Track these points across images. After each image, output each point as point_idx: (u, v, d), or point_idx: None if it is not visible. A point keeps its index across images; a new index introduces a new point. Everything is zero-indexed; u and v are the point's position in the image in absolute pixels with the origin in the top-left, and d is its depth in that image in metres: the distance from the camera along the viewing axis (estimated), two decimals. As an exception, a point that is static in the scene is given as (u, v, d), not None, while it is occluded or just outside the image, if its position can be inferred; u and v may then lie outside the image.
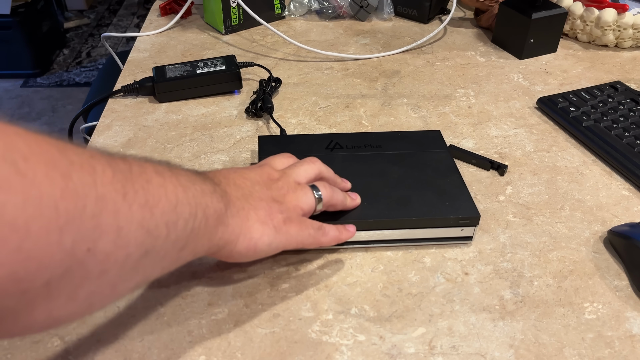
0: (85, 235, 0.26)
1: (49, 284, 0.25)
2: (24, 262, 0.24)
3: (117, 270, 0.29)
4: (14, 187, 0.23)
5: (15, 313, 0.26)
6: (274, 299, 0.45)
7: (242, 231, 0.39)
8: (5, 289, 0.24)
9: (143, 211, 0.30)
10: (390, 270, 0.47)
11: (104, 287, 0.29)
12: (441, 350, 0.41)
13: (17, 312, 0.26)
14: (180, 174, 0.35)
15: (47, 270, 0.25)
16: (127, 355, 0.40)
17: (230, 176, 0.42)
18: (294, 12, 0.91)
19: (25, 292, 0.25)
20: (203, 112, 0.67)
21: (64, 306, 0.27)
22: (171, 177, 0.34)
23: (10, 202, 0.23)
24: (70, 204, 0.25)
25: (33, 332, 0.29)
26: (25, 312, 0.26)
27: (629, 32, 0.79)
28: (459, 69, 0.77)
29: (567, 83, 0.74)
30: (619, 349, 0.41)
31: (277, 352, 0.41)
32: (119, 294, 0.31)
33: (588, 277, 0.47)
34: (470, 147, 0.62)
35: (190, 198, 0.34)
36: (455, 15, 0.93)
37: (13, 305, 0.25)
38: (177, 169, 0.36)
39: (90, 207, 0.26)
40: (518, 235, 0.51)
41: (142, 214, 0.30)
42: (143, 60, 0.78)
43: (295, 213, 0.43)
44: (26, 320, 0.26)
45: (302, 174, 0.46)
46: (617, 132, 0.61)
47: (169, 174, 0.34)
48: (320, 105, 0.69)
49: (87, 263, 0.27)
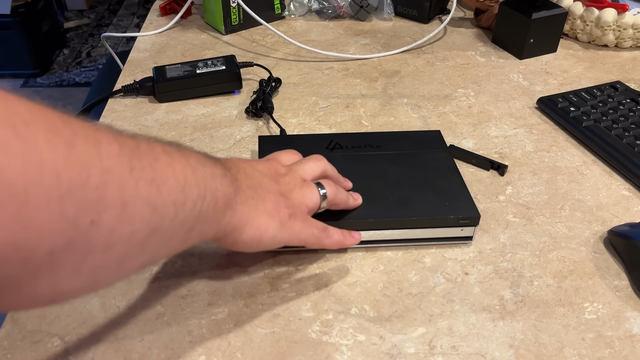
0: (89, 206, 0.26)
1: (52, 255, 0.25)
2: (23, 229, 0.24)
3: (122, 247, 0.29)
4: (13, 149, 0.23)
5: (18, 283, 0.25)
6: (274, 299, 0.45)
7: (250, 220, 0.39)
8: (6, 255, 0.24)
9: (150, 188, 0.30)
10: (390, 270, 0.47)
11: (109, 262, 0.29)
12: (441, 350, 0.41)
13: (20, 282, 0.25)
14: (190, 156, 0.35)
15: (48, 239, 0.25)
16: (127, 355, 0.40)
17: (240, 165, 0.42)
18: (294, 12, 0.91)
19: (27, 260, 0.24)
20: (203, 112, 0.67)
21: (68, 279, 0.27)
22: (180, 157, 0.33)
23: (9, 164, 0.23)
24: (73, 173, 0.25)
25: (38, 305, 0.28)
26: (29, 283, 0.26)
27: (629, 32, 0.79)
28: (459, 69, 0.77)
29: (567, 83, 0.74)
30: (619, 349, 0.41)
31: (277, 352, 0.41)
32: (125, 272, 0.31)
33: (588, 277, 0.47)
34: (470, 147, 0.62)
35: (200, 180, 0.34)
36: (455, 15, 0.93)
37: (15, 274, 0.25)
38: (187, 150, 0.35)
39: (94, 179, 0.26)
40: (518, 235, 0.51)
41: (148, 191, 0.29)
42: (143, 60, 0.78)
43: (300, 210, 0.43)
44: (30, 291, 0.26)
45: (308, 171, 0.46)
46: (617, 132, 0.61)
47: (177, 154, 0.33)
48: (320, 105, 0.69)
49: (91, 236, 0.27)
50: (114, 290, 0.45)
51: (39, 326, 0.42)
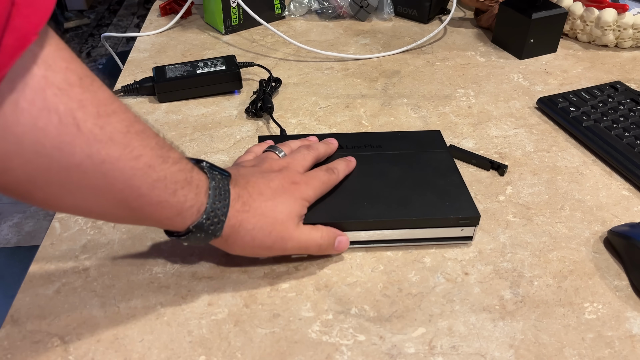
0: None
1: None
2: None
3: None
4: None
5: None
6: (274, 299, 0.45)
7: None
8: None
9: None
10: (390, 270, 0.47)
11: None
12: (441, 350, 0.41)
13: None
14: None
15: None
16: (127, 355, 0.40)
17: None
18: (294, 12, 0.91)
19: None
20: (203, 112, 0.67)
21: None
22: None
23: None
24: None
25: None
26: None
27: (629, 32, 0.79)
28: (459, 69, 0.77)
29: (567, 83, 0.74)
30: (619, 349, 0.41)
31: (277, 352, 0.41)
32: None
33: (588, 277, 0.47)
34: (470, 147, 0.62)
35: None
36: (455, 15, 0.93)
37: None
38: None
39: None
40: (518, 235, 0.51)
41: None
42: (143, 60, 0.78)
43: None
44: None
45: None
46: (617, 132, 0.61)
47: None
48: (320, 105, 0.69)
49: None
50: (114, 290, 0.45)
51: (39, 326, 0.42)
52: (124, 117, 0.34)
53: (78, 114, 0.31)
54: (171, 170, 0.37)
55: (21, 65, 0.29)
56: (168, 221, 0.39)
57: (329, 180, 0.48)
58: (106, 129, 0.33)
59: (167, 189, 0.37)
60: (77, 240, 0.49)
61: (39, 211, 1.75)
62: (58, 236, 0.50)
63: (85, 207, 0.36)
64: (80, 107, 0.32)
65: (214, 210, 0.40)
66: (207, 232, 0.40)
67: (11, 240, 1.65)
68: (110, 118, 0.33)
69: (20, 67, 0.29)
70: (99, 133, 0.32)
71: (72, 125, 0.31)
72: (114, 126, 0.33)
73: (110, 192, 0.35)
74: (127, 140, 0.34)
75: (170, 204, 0.38)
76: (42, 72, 0.30)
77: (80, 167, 0.33)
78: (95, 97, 0.33)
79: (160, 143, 0.37)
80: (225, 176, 0.42)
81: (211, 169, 0.42)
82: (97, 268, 0.47)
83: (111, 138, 0.33)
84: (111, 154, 0.33)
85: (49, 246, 0.49)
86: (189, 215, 0.39)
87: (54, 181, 0.33)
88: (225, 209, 0.40)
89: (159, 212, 0.38)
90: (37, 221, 1.72)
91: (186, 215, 0.39)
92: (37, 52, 0.30)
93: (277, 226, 0.43)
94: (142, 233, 0.50)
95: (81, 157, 0.32)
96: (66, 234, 0.50)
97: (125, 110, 0.35)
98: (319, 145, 0.52)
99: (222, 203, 0.40)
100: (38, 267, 0.47)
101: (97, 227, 0.51)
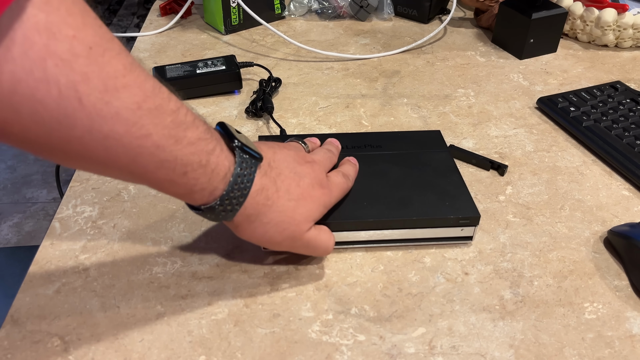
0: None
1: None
2: None
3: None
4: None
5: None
6: (274, 299, 0.45)
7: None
8: None
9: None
10: (390, 270, 0.47)
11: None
12: (441, 350, 0.41)
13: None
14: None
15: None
16: (127, 355, 0.40)
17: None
18: (294, 12, 0.91)
19: None
20: (203, 112, 0.67)
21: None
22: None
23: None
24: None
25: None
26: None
27: (629, 32, 0.79)
28: (459, 69, 0.77)
29: (567, 83, 0.74)
30: (619, 349, 0.41)
31: (277, 352, 0.41)
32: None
33: (588, 277, 0.47)
34: (470, 147, 0.62)
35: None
36: (455, 15, 0.93)
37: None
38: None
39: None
40: (518, 235, 0.51)
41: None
42: (143, 60, 0.78)
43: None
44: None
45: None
46: (617, 132, 0.61)
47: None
48: (320, 105, 0.69)
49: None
50: (114, 290, 0.45)
51: (39, 326, 0.42)
52: (137, 92, 0.32)
53: (81, 87, 0.30)
54: (183, 152, 0.35)
55: (21, 33, 0.28)
56: (178, 196, 0.38)
57: (347, 188, 0.48)
58: (113, 104, 0.31)
59: (176, 171, 0.36)
60: (77, 240, 0.49)
61: (39, 211, 1.76)
62: (58, 236, 0.50)
63: (91, 170, 0.35)
64: (84, 80, 0.30)
65: (229, 199, 0.39)
66: (218, 215, 0.39)
67: (11, 240, 1.65)
68: (119, 93, 0.31)
69: (19, 35, 0.28)
70: (103, 108, 0.31)
71: (74, 99, 0.30)
72: (123, 101, 0.32)
73: (115, 164, 0.34)
74: (136, 118, 0.32)
75: (179, 184, 0.37)
76: (44, 40, 0.28)
77: (82, 140, 0.31)
78: (104, 70, 0.31)
79: (177, 121, 0.35)
80: (255, 160, 0.40)
81: (242, 150, 0.40)
82: (97, 268, 0.47)
83: (117, 113, 0.32)
84: (116, 130, 0.32)
85: (49, 246, 0.49)
86: (200, 197, 0.38)
87: (56, 148, 0.32)
88: (243, 198, 0.39)
89: (167, 188, 0.37)
90: (37, 221, 1.72)
91: (196, 196, 0.38)
92: (39, 19, 0.28)
93: (292, 226, 0.42)
94: (142, 233, 0.50)
95: (82, 131, 0.31)
96: (66, 234, 0.50)
97: (140, 84, 0.33)
98: (333, 149, 0.51)
99: (240, 192, 0.39)
100: (38, 267, 0.47)
101: (97, 227, 0.51)
